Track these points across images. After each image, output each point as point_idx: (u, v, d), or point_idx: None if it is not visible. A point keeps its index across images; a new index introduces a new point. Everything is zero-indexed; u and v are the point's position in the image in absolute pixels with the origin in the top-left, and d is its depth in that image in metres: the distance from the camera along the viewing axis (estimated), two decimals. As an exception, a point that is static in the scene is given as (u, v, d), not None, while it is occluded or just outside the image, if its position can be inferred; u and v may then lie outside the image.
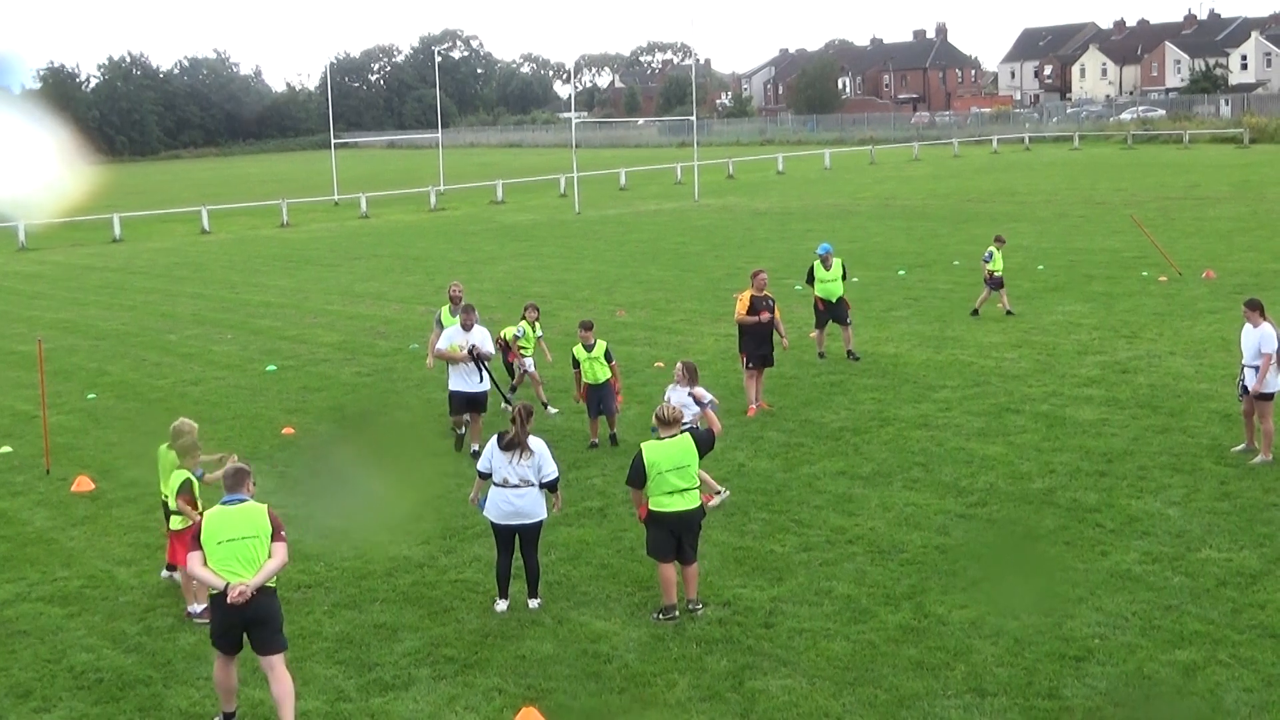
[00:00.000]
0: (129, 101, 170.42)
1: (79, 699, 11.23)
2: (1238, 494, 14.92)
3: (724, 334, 25.47)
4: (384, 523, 15.10)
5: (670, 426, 12.23)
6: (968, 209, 52.17)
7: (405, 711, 10.66)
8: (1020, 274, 32.95)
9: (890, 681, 10.73)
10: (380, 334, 29.23)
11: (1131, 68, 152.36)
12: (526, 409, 12.63)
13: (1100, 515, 14.48)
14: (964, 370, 22.06)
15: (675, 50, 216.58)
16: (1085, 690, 10.43)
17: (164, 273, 44.37)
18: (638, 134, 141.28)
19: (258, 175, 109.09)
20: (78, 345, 29.69)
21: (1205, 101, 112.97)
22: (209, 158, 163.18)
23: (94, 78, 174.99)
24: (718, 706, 10.47)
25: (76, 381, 25.25)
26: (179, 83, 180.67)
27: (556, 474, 12.56)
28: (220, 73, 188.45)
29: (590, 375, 18.18)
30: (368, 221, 62.45)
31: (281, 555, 10.27)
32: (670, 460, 12.04)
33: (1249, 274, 31.16)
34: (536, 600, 12.71)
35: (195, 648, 12.17)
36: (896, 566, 13.23)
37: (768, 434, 18.69)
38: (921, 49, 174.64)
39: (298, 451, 19.16)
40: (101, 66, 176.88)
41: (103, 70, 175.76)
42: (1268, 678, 10.49)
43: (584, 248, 45.79)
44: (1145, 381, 20.66)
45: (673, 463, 12.03)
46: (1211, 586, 12.36)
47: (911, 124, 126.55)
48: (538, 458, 12.39)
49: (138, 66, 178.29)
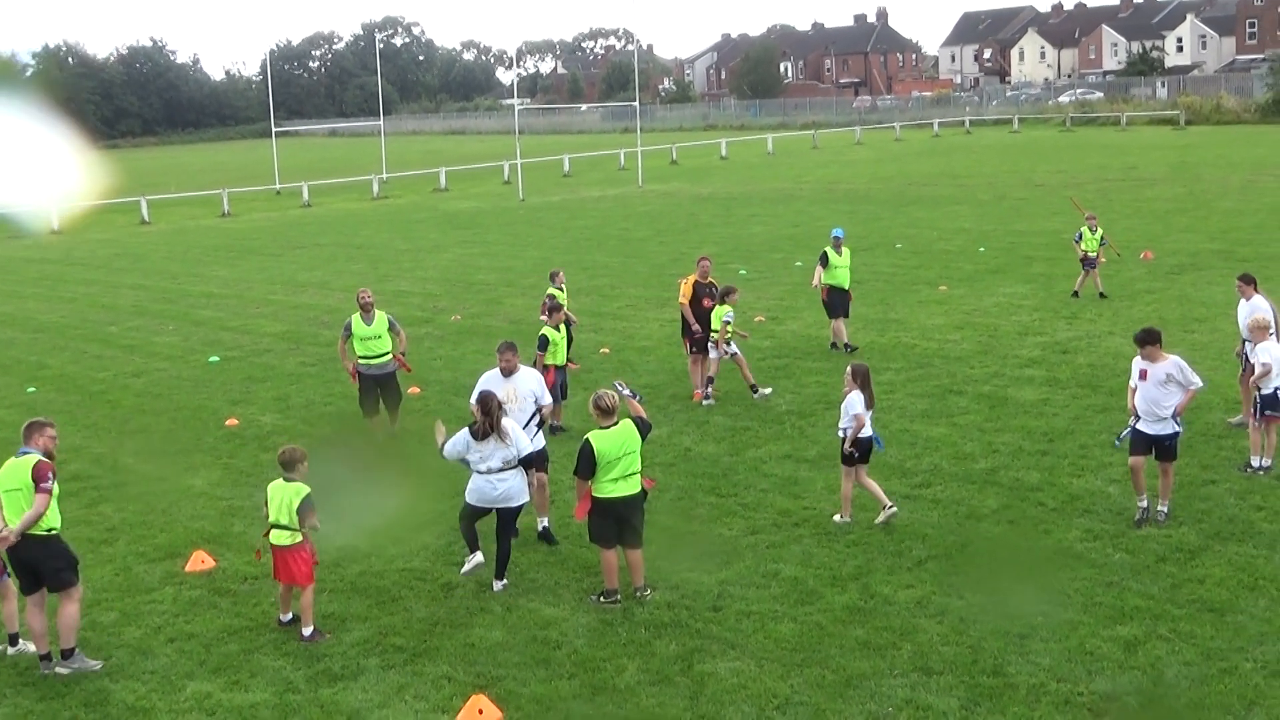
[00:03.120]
0: (65, 90, 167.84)
1: (24, 695, 11.10)
2: (1177, 471, 15.08)
3: (668, 319, 25.49)
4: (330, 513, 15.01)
5: (610, 415, 12.25)
6: (909, 192, 52.47)
7: (354, 702, 10.62)
8: (961, 256, 33.24)
9: (837, 662, 10.80)
10: (324, 324, 29.00)
11: (1069, 51, 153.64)
12: (491, 398, 12.62)
13: (1042, 494, 14.64)
14: (907, 353, 22.21)
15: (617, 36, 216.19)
16: (1029, 666, 10.54)
17: (104, 264, 43.85)
18: (581, 120, 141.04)
19: (197, 164, 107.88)
20: (16, 338, 29.30)
21: (1142, 84, 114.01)
22: (147, 147, 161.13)
23: (28, 67, 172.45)
24: (667, 690, 10.50)
25: (15, 375, 24.92)
26: (115, 71, 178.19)
27: (529, 451, 12.67)
28: (157, 61, 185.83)
29: (556, 357, 18.01)
30: (310, 210, 61.98)
31: (37, 506, 10.99)
32: (617, 448, 12.05)
33: (1186, 254, 31.54)
34: (501, 583, 12.75)
35: (140, 642, 12.07)
36: (842, 548, 13.31)
37: (714, 418, 18.74)
38: (862, 33, 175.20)
39: (242, 443, 19.02)
40: (35, 55, 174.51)
41: (37, 59, 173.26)
42: (1207, 651, 10.64)
43: (528, 235, 45.68)
44: (1085, 361, 20.88)
45: (619, 450, 12.05)
46: (1151, 563, 12.52)
47: (853, 108, 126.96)
48: (514, 436, 12.46)
49: (73, 55, 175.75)
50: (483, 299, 31.33)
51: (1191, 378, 13.47)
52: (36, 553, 11.19)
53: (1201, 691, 10.00)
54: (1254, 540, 12.92)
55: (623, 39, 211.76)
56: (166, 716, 10.60)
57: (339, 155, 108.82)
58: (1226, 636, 10.88)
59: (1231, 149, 65.23)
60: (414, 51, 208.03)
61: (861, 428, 13.81)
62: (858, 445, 13.85)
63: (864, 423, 13.81)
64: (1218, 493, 14.32)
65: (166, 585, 13.48)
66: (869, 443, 14.00)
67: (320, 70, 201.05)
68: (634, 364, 22.70)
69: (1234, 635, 10.90)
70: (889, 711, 9.93)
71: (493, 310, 29.52)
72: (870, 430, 14.01)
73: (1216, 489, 14.44)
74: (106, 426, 20.65)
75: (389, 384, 18.67)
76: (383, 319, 18.60)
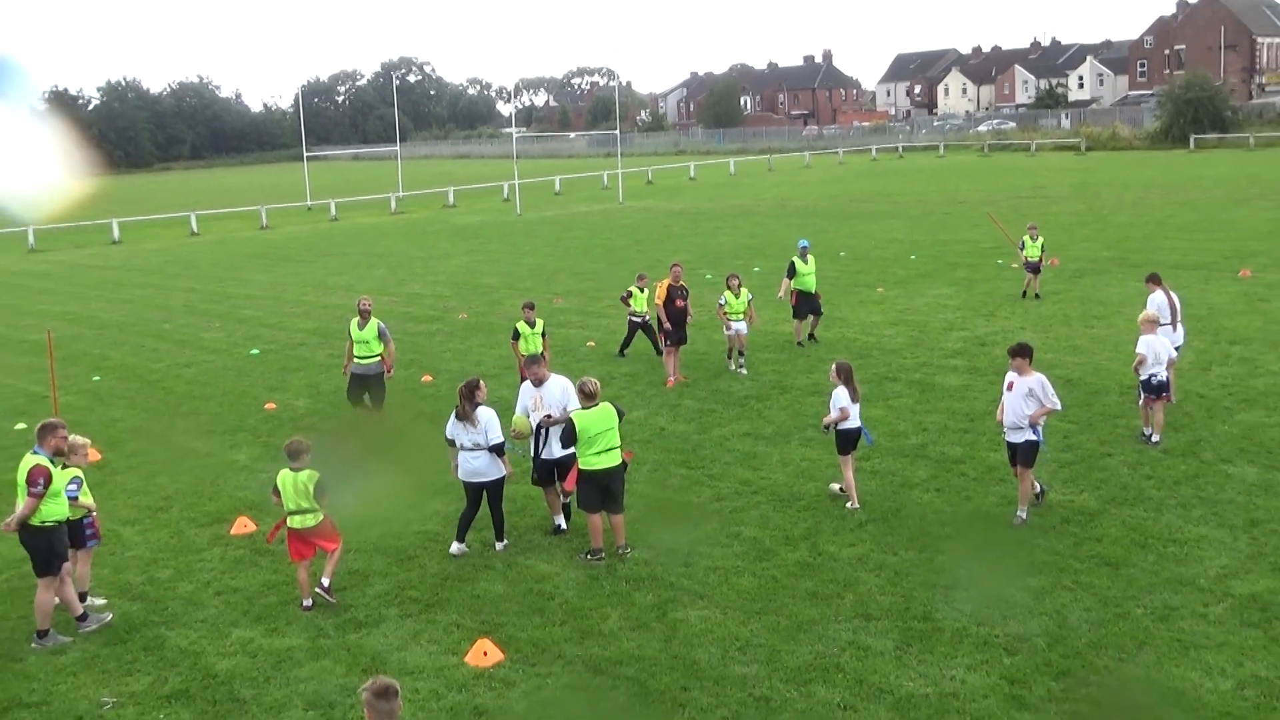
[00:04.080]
0: (124, 120, 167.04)
1: (91, 641, 11.06)
2: (1079, 446, 15.20)
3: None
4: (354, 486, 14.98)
5: (592, 398, 12.27)
6: (851, 208, 52.54)
7: (376, 645, 10.62)
8: (895, 263, 33.30)
9: (790, 610, 10.83)
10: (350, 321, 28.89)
11: (987, 87, 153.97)
12: (469, 384, 12.55)
13: (965, 466, 14.70)
14: (849, 345, 22.25)
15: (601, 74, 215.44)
16: (953, 613, 10.60)
17: (158, 270, 43.59)
18: (569, 146, 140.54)
19: (239, 184, 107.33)
20: (83, 334, 29.11)
21: (1049, 115, 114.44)
22: (195, 169, 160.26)
23: (94, 99, 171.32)
24: (645, 634, 10.52)
25: (83, 366, 24.77)
26: (168, 104, 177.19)
27: (500, 440, 12.47)
28: (204, 95, 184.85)
29: (529, 347, 18.13)
30: (337, 223, 61.70)
31: (24, 507, 10.80)
32: (598, 425, 12.08)
33: (1087, 261, 31.69)
34: (502, 543, 12.79)
35: (192, 595, 12.04)
36: (795, 512, 13.35)
37: (684, 402, 18.76)
38: (810, 71, 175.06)
39: (279, 424, 18.95)
40: (100, 89, 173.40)
41: (102, 93, 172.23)
42: (1103, 598, 10.72)
43: (525, 244, 45.58)
44: (1001, 353, 20.88)
45: (600, 426, 12.08)
46: (1057, 524, 12.59)
47: (803, 136, 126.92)
48: (483, 425, 12.37)
49: (132, 90, 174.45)
50: (486, 300, 31.26)
51: (1051, 397, 12.51)
52: (25, 540, 10.95)
53: (1099, 633, 10.07)
54: (1144, 504, 13.01)
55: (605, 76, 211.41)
56: (215, 658, 10.58)
57: (361, 176, 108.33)
58: (1120, 586, 10.95)
59: (1125, 171, 65.49)
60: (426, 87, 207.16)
61: (845, 418, 13.29)
62: (845, 435, 13.37)
63: (849, 414, 13.29)
64: (1113, 464, 14.40)
65: (214, 546, 13.45)
66: (856, 434, 13.42)
67: (345, 103, 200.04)
68: (616, 356, 22.70)
69: (1127, 585, 10.97)
70: (834, 652, 9.97)
71: (494, 309, 29.44)
72: (858, 423, 13.43)
73: (1112, 461, 14.52)
74: (162, 410, 20.55)
75: (376, 383, 18.24)
76: (374, 326, 18.17)
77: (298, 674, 10.20)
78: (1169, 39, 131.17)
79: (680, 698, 9.36)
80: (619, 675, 9.80)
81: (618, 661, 10.03)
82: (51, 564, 10.97)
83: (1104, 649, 9.79)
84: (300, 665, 10.35)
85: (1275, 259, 30.02)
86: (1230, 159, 71.19)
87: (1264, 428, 15.50)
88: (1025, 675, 9.39)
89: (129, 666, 10.55)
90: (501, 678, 9.86)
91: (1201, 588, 10.82)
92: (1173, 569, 11.26)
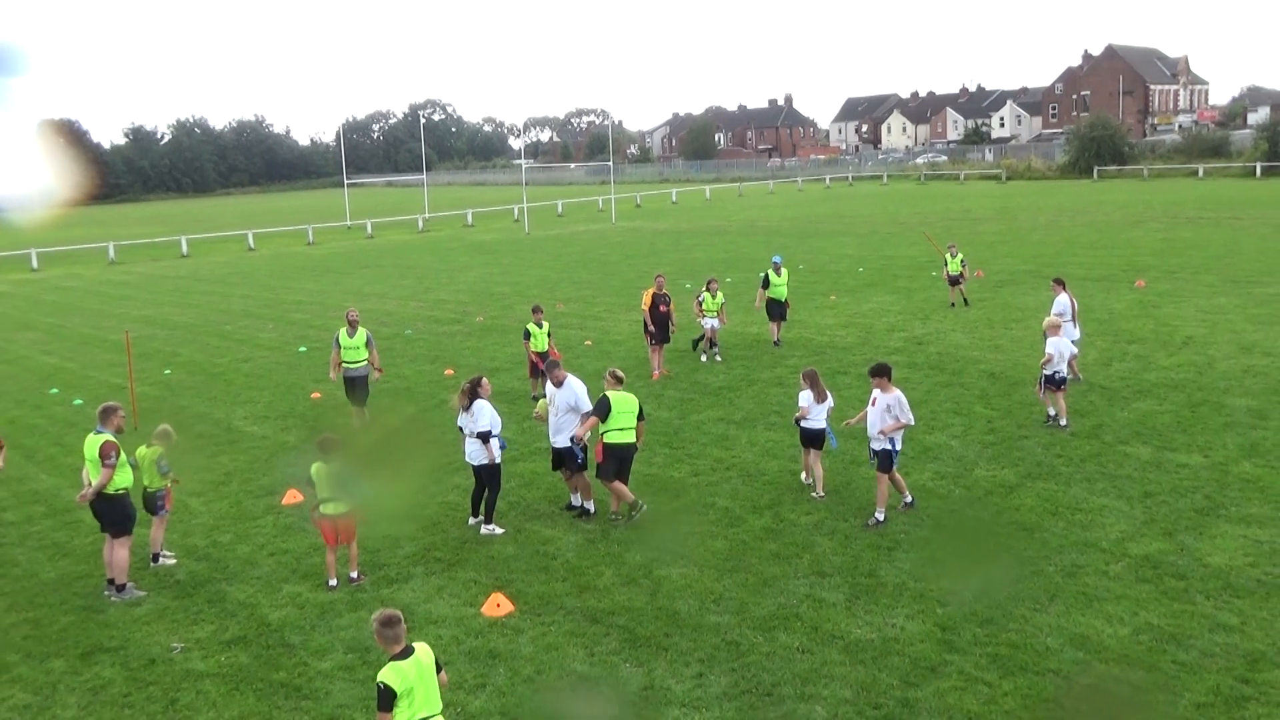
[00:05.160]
0: (192, 152, 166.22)
1: (162, 595, 11.02)
2: (1000, 429, 15.21)
3: (634, 320, 25.46)
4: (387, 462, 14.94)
5: (620, 383, 12.45)
6: (809, 228, 52.52)
7: (406, 598, 10.58)
8: (846, 274, 33.30)
9: (757, 568, 10.83)
10: (384, 323, 28.81)
11: (924, 125, 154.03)
12: (472, 382, 12.24)
13: (905, 446, 14.66)
14: (807, 344, 22.25)
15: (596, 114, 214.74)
16: (895, 571, 10.60)
17: (220, 280, 43.37)
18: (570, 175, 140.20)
19: (289, 207, 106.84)
20: (155, 334, 28.95)
21: (975, 150, 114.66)
22: (252, 194, 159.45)
23: (166, 134, 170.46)
24: (634, 589, 10.51)
25: (156, 361, 24.63)
26: (229, 138, 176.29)
27: (485, 429, 11.95)
28: (260, 130, 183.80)
29: (538, 345, 18.08)
30: (372, 240, 61.47)
31: (101, 478, 10.69)
32: (625, 404, 12.16)
33: (1007, 273, 31.72)
34: (477, 519, 12.33)
35: (249, 556, 11.99)
36: (760, 486, 13.34)
37: (667, 392, 18.73)
38: (774, 112, 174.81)
39: (323, 411, 18.88)
40: (171, 125, 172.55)
41: (172, 129, 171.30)
42: (1021, 558, 10.74)
43: (532, 258, 45.47)
44: (935, 350, 20.98)
45: (626, 406, 12.17)
46: (982, 495, 12.61)
47: (768, 167, 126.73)
48: (475, 415, 12.03)
49: (199, 126, 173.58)
50: (499, 305, 31.17)
51: (905, 413, 11.84)
52: (96, 509, 10.87)
53: (1017, 587, 10.08)
54: (1055, 479, 13.03)
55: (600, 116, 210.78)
56: (269, 609, 10.54)
57: (393, 200, 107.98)
58: (1035, 548, 10.97)
59: (1039, 197, 65.58)
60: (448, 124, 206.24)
61: (804, 416, 12.56)
62: (806, 433, 12.67)
63: (807, 413, 12.53)
64: (1029, 445, 14.42)
65: (268, 515, 13.39)
66: (818, 434, 12.64)
67: (379, 138, 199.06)
68: (609, 353, 22.64)
69: (1040, 547, 10.99)
70: (794, 603, 9.96)
71: (507, 314, 29.36)
72: (822, 424, 12.61)
73: (1028, 442, 14.54)
74: (223, 398, 20.45)
75: (362, 384, 17.38)
76: (362, 334, 17.26)
77: (339, 622, 10.16)
78: (1076, 86, 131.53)
79: (664, 642, 9.35)
80: (612, 624, 9.78)
81: (611, 612, 10.02)
82: (125, 525, 10.93)
83: (1021, 601, 9.80)
84: (340, 615, 10.30)
85: (1165, 271, 30.10)
86: (1127, 188, 71.34)
87: (1155, 414, 15.53)
88: (955, 623, 9.40)
89: (195, 617, 10.50)
90: (512, 626, 9.84)
91: (1103, 549, 10.84)
92: (1079, 534, 11.28)
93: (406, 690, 6.72)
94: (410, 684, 6.74)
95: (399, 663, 6.78)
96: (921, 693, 8.27)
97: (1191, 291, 26.39)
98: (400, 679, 6.71)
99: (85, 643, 10.05)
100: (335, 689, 8.91)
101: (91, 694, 9.12)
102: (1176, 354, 19.39)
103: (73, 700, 9.03)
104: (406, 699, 6.73)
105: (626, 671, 8.88)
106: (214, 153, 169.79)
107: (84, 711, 8.84)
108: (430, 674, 6.86)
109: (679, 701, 8.37)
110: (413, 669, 6.78)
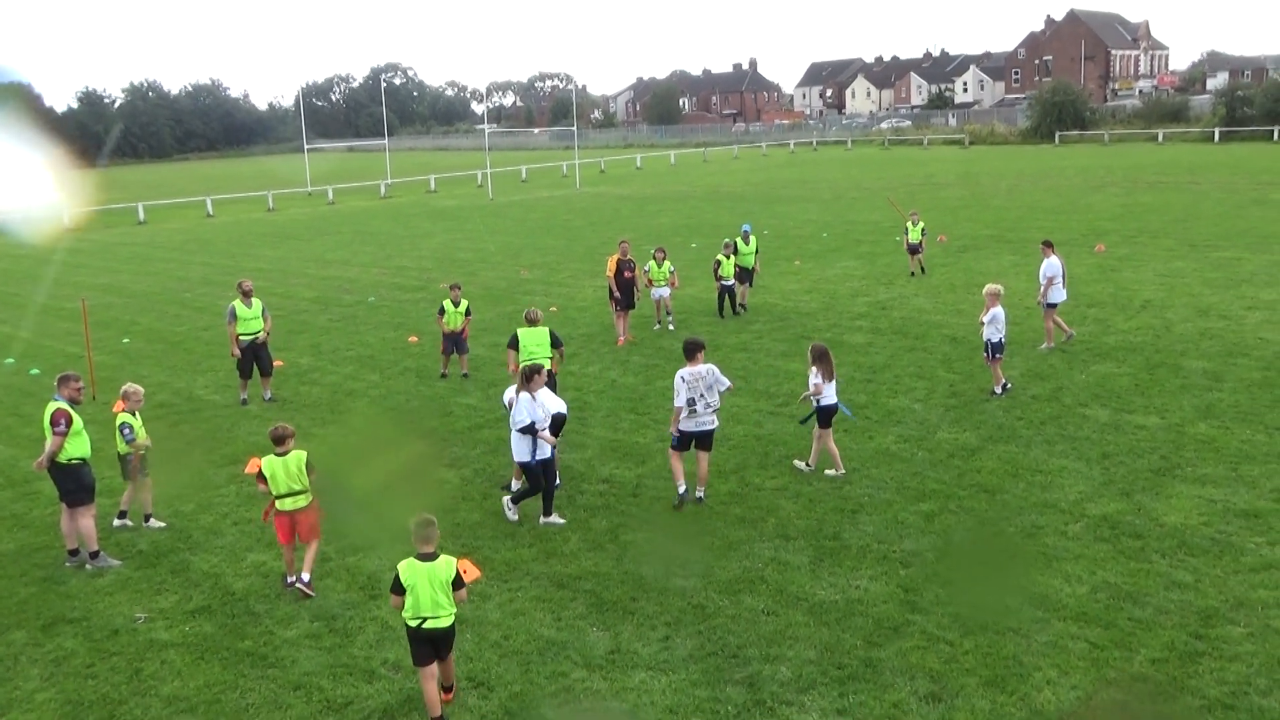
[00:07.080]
0: (147, 117, 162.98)
1: (126, 566, 10.91)
2: (962, 393, 15.36)
3: (599, 286, 25.38)
4: (356, 431, 14.85)
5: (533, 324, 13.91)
6: (774, 194, 52.51)
7: (372, 566, 10.56)
8: (810, 240, 33.37)
9: (722, 532, 10.89)
10: (346, 290, 28.55)
11: (888, 90, 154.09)
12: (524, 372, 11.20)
13: (869, 410, 14.81)
14: (771, 310, 22.30)
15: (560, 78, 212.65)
16: (858, 534, 10.71)
17: (179, 247, 42.71)
18: (534, 140, 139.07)
19: (248, 173, 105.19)
20: (113, 302, 28.51)
21: (939, 115, 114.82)
22: (210, 160, 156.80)
23: (120, 99, 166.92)
24: (600, 554, 10.54)
25: (114, 330, 24.27)
26: (185, 102, 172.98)
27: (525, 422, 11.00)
28: (217, 95, 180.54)
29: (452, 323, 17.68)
30: (334, 207, 60.74)
31: (51, 445, 10.62)
32: (534, 336, 13.63)
33: (969, 238, 31.91)
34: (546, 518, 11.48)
35: (212, 525, 11.89)
36: (725, 450, 13.39)
37: (632, 358, 18.73)
38: (738, 77, 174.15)
39: (285, 379, 18.70)
40: (125, 90, 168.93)
41: (126, 93, 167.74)
42: (982, 519, 10.88)
43: (496, 224, 45.15)
44: (899, 315, 21.11)
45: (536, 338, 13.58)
46: (944, 458, 12.74)
47: (732, 132, 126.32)
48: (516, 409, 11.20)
49: (153, 90, 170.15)
50: (463, 272, 30.93)
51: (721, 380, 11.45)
52: (56, 476, 10.75)
53: (979, 549, 10.22)
54: (1015, 442, 13.19)
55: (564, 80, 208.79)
56: (233, 578, 10.48)
57: (355, 166, 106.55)
58: (996, 510, 11.12)
59: (1001, 163, 65.93)
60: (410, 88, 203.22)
61: (819, 393, 12.12)
62: (823, 410, 12.18)
63: (822, 390, 12.12)
64: (990, 408, 14.57)
65: (230, 484, 13.28)
66: (832, 409, 12.23)
67: (340, 102, 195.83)
68: (574, 319, 22.60)
69: (1001, 509, 11.14)
70: (759, 566, 10.04)
71: (470, 280, 29.16)
72: (834, 399, 12.25)
73: (990, 405, 14.69)
74: (184, 368, 20.21)
75: (264, 351, 17.06)
76: (258, 304, 17.01)
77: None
78: (1038, 51, 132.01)
79: (630, 607, 9.40)
80: (578, 589, 9.82)
81: (577, 577, 10.05)
82: (81, 495, 10.81)
83: (982, 562, 9.94)
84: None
85: (1125, 236, 30.42)
86: (1088, 152, 71.89)
87: (1114, 377, 15.75)
88: (917, 584, 9.53)
89: (158, 587, 10.42)
90: (479, 592, 9.84)
91: (1062, 510, 11.01)
92: (1039, 495, 11.45)
93: (410, 586, 7.62)
94: (412, 581, 7.62)
95: (414, 560, 7.68)
96: (884, 652, 8.38)
97: (1150, 256, 26.71)
98: (405, 573, 7.64)
99: (46, 614, 9.95)
100: (301, 656, 8.89)
101: (54, 665, 9.05)
102: (1135, 317, 19.64)
103: (35, 672, 8.95)
104: (411, 595, 7.62)
105: (593, 636, 8.93)
106: (170, 117, 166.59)
107: (46, 683, 8.77)
108: (439, 584, 7.63)
109: (645, 664, 8.43)
110: (421, 571, 7.63)
